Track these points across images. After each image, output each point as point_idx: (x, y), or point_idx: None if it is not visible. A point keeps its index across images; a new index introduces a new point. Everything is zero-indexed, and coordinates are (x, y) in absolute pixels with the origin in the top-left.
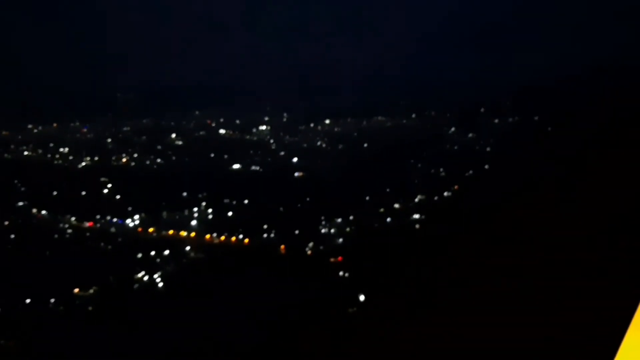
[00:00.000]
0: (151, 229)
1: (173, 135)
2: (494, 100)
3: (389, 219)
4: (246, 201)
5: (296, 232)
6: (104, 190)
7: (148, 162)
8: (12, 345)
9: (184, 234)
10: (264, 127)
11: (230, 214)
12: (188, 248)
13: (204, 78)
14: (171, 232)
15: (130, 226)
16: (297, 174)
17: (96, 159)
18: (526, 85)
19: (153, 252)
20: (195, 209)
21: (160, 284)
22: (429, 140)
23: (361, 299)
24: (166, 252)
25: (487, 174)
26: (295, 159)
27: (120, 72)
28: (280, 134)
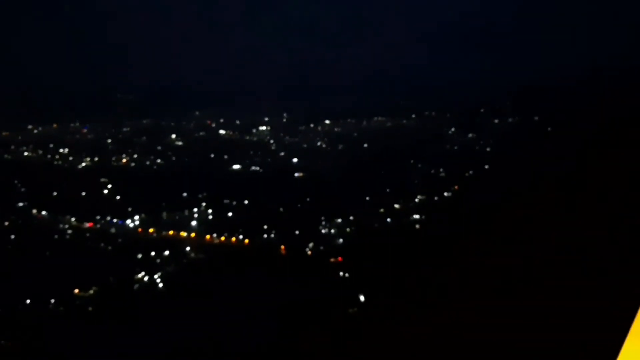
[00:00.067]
0: (151, 230)
1: (173, 135)
2: (494, 100)
3: (389, 219)
4: (246, 201)
5: (296, 233)
6: (104, 191)
7: (148, 163)
8: (12, 345)
9: (184, 234)
10: (264, 128)
11: (230, 214)
12: (188, 248)
13: (204, 78)
14: (171, 232)
15: (130, 227)
16: (297, 174)
17: (96, 159)
18: (526, 86)
19: (153, 253)
20: (195, 209)
21: (160, 284)
22: (429, 141)
23: (361, 299)
24: (166, 252)
25: (487, 174)
26: (295, 159)
27: (120, 73)
28: (280, 135)
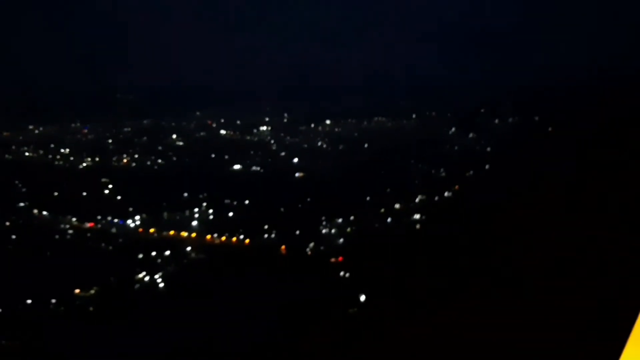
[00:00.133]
0: (152, 230)
1: (174, 135)
2: (494, 101)
3: (389, 219)
4: (247, 202)
5: (297, 233)
6: (105, 191)
7: (149, 163)
8: (13, 345)
9: (184, 234)
10: (264, 128)
11: (230, 214)
12: (189, 248)
13: (205, 79)
14: (172, 232)
15: (131, 227)
16: (298, 174)
17: (97, 159)
18: (527, 86)
19: (154, 253)
20: (196, 209)
21: (161, 284)
22: (430, 141)
23: (362, 299)
24: (167, 252)
25: (488, 174)
26: (295, 159)
27: (121, 73)
28: (280, 135)
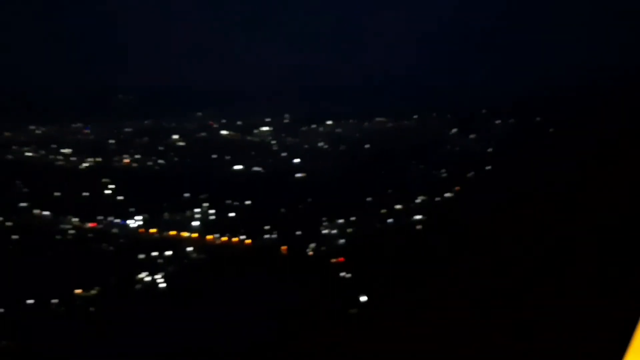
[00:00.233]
0: (153, 230)
1: (175, 136)
2: (495, 101)
3: (390, 220)
4: (248, 202)
5: (297, 233)
6: (106, 191)
7: (150, 163)
8: (13, 345)
9: (185, 234)
10: (265, 128)
11: (231, 214)
12: (190, 249)
13: (206, 79)
14: (173, 232)
15: (132, 227)
16: (299, 174)
17: (98, 159)
18: (528, 87)
19: (155, 253)
20: (197, 209)
21: (162, 284)
22: (430, 142)
23: (362, 299)
24: (168, 252)
25: (488, 175)
26: (296, 159)
27: (121, 73)
28: (281, 135)
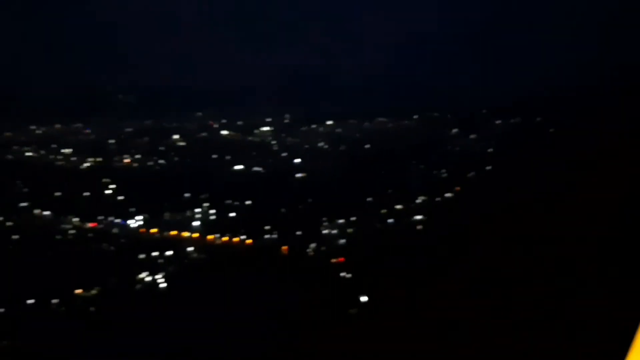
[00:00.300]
0: (153, 230)
1: (175, 136)
2: (495, 101)
3: (390, 220)
4: (248, 202)
5: (298, 233)
6: (107, 191)
7: (150, 163)
8: (13, 345)
9: (186, 234)
10: (265, 128)
11: (232, 214)
12: (190, 249)
13: (206, 79)
14: (173, 232)
15: (133, 227)
16: (299, 174)
17: (98, 159)
18: (528, 87)
19: (155, 253)
20: (197, 209)
21: (162, 284)
22: (431, 142)
23: (363, 300)
24: (168, 252)
25: (489, 175)
26: (297, 160)
27: (122, 73)
28: (282, 135)
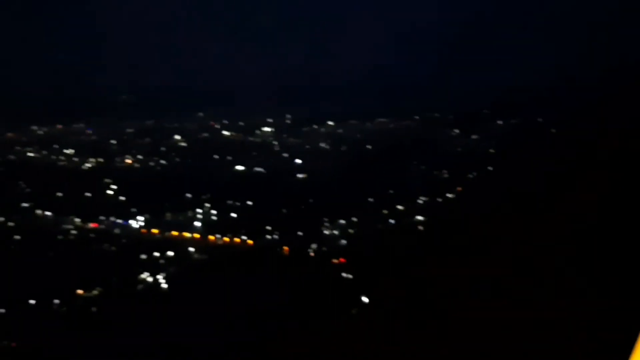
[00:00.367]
0: (155, 230)
1: (176, 136)
2: (497, 101)
3: (392, 221)
4: (249, 202)
5: (299, 234)
6: (108, 192)
7: (152, 164)
8: (14, 345)
9: (187, 235)
10: (267, 129)
11: (233, 215)
12: (192, 249)
13: (207, 79)
14: (175, 233)
15: (134, 227)
16: (300, 175)
17: (100, 160)
18: (530, 87)
19: (157, 253)
20: (198, 210)
21: (164, 285)
22: (432, 142)
23: (364, 300)
24: (170, 253)
25: (491, 175)
26: (298, 160)
27: (123, 74)
28: (283, 136)
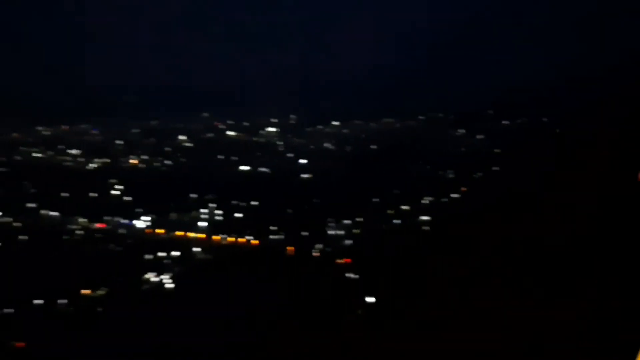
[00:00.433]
0: (160, 230)
1: (181, 136)
2: (502, 102)
3: (397, 221)
4: (254, 202)
5: (304, 234)
6: (113, 192)
7: (157, 164)
8: (20, 346)
9: (192, 235)
10: (271, 129)
11: (238, 215)
12: (196, 249)
13: (211, 80)
14: (180, 233)
15: (139, 227)
16: (305, 175)
17: (105, 160)
18: (535, 87)
19: (162, 253)
20: (203, 210)
21: (169, 284)
22: (437, 142)
23: (369, 300)
24: (175, 253)
25: (495, 175)
26: (302, 160)
27: (127, 74)
28: (287, 136)
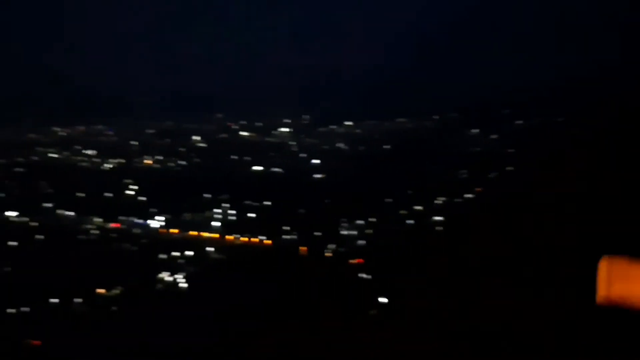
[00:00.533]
0: (174, 230)
1: (195, 137)
2: (517, 101)
3: (410, 221)
4: (267, 203)
5: (317, 234)
6: (128, 192)
7: (171, 164)
8: (36, 344)
9: (206, 234)
10: (284, 129)
11: (251, 215)
12: (210, 249)
13: (225, 81)
14: (194, 233)
15: (154, 227)
16: (318, 175)
17: (120, 161)
18: (550, 86)
19: (176, 253)
20: (217, 210)
21: (182, 284)
22: (451, 142)
23: (382, 301)
24: (189, 252)
25: (510, 175)
26: (315, 160)
27: (143, 75)
28: (300, 136)
